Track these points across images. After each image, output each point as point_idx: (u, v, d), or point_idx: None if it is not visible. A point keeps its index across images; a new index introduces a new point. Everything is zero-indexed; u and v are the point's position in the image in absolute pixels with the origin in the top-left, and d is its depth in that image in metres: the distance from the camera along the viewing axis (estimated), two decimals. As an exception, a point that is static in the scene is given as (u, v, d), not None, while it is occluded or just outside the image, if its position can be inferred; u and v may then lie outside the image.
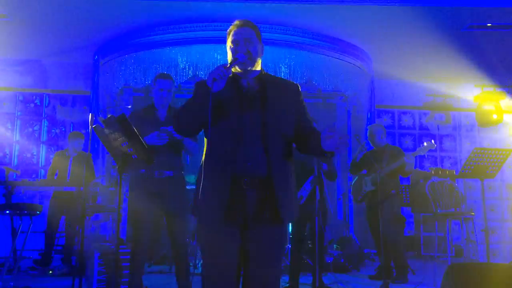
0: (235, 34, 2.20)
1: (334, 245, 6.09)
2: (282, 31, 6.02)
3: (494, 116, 7.26)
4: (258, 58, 2.20)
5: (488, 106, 7.27)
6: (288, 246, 5.37)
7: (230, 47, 2.18)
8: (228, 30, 2.25)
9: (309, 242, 5.00)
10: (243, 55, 2.12)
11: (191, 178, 5.72)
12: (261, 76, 2.21)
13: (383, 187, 4.66)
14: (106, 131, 2.91)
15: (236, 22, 2.24)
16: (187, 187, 3.72)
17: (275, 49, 5.93)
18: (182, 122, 2.14)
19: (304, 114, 2.25)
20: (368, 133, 5.17)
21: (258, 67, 2.21)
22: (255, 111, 2.11)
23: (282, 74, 6.00)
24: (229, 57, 2.19)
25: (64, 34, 6.15)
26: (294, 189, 2.18)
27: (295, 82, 2.34)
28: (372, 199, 4.84)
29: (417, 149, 4.72)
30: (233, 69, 2.14)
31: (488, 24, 5.67)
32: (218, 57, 5.82)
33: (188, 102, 2.14)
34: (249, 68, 2.16)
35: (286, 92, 2.21)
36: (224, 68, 2.01)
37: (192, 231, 5.74)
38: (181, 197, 3.62)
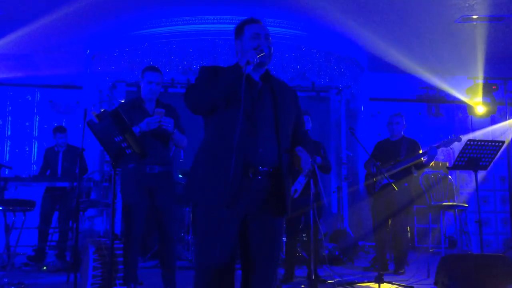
0: (255, 28, 2.21)
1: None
2: (275, 24, 6.00)
3: (487, 108, 7.29)
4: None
5: (481, 98, 7.29)
6: (283, 239, 5.39)
7: (250, 39, 2.18)
8: (240, 25, 2.26)
9: (304, 235, 5.02)
10: (267, 49, 2.14)
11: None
12: (267, 74, 2.25)
13: (398, 180, 4.68)
14: (100, 125, 2.90)
15: (251, 18, 2.26)
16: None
17: (269, 42, 5.90)
18: (199, 99, 2.08)
19: (302, 121, 2.32)
20: (388, 122, 5.15)
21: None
22: (267, 104, 2.14)
23: (276, 67, 5.99)
24: (242, 50, 2.20)
25: (55, 28, 6.07)
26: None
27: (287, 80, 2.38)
28: (385, 191, 4.81)
29: (442, 141, 4.66)
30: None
31: (481, 16, 5.68)
32: (211, 50, 5.80)
33: (205, 81, 2.09)
34: (264, 64, 2.17)
35: (289, 95, 2.26)
36: (257, 55, 2.05)
37: (187, 225, 5.74)
38: (171, 192, 3.67)
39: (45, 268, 5.02)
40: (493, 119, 7.70)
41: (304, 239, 5.04)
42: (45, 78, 7.12)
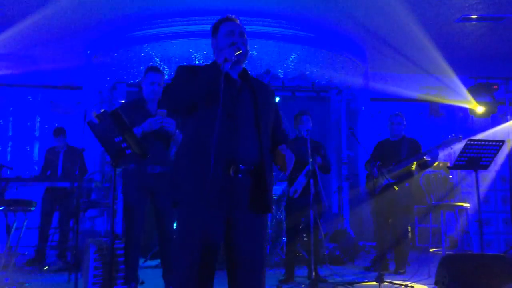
0: (230, 26, 2.21)
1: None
2: (274, 24, 6.00)
3: (488, 108, 7.28)
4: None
5: (482, 98, 7.28)
6: (283, 239, 5.39)
7: (225, 37, 2.19)
8: (216, 24, 2.27)
9: (304, 235, 5.02)
10: (243, 46, 2.14)
11: None
12: (245, 72, 2.23)
13: (399, 180, 4.67)
14: (100, 126, 2.90)
15: (226, 16, 2.26)
16: None
17: (269, 43, 5.91)
18: (174, 99, 2.06)
19: (281, 119, 2.31)
20: (388, 123, 5.15)
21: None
22: (247, 102, 2.13)
23: (276, 67, 5.99)
24: (217, 48, 2.21)
25: (56, 29, 6.09)
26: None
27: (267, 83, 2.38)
28: (386, 192, 4.80)
29: (442, 141, 4.62)
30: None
31: (481, 16, 5.68)
32: (211, 50, 5.79)
33: (183, 80, 2.07)
34: (241, 62, 2.16)
35: (268, 93, 2.25)
36: (234, 52, 2.05)
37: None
38: None
39: (46, 268, 5.04)
40: (493, 119, 7.69)
41: (305, 239, 5.04)
42: (46, 79, 7.14)
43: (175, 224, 3.46)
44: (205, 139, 1.98)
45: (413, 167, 4.87)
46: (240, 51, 2.07)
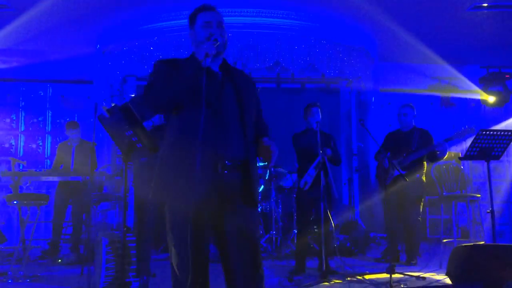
0: (207, 16, 2.17)
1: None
2: (283, 15, 5.96)
3: (500, 98, 7.19)
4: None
5: (494, 87, 7.19)
6: (294, 231, 5.41)
7: (202, 28, 2.14)
8: (192, 14, 2.22)
9: (315, 227, 5.03)
10: (221, 37, 2.09)
11: None
12: (225, 64, 2.20)
13: (410, 171, 4.65)
14: (110, 120, 2.92)
15: (203, 5, 2.21)
16: None
17: (277, 34, 5.88)
18: (158, 98, 2.01)
19: (261, 111, 2.29)
20: (398, 114, 5.11)
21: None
22: (230, 96, 2.10)
23: (285, 59, 5.96)
24: (195, 40, 2.16)
25: (66, 23, 6.10)
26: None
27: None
28: (397, 183, 4.78)
29: (454, 133, 4.59)
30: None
31: (493, 4, 5.59)
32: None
33: (164, 77, 2.01)
34: (221, 53, 2.12)
35: (248, 84, 2.22)
36: (214, 46, 2.01)
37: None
38: None
39: (59, 261, 5.10)
40: (506, 109, 7.59)
41: (315, 230, 5.04)
42: (57, 73, 7.19)
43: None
44: (190, 138, 1.96)
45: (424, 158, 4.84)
46: (218, 43, 2.04)
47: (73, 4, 5.56)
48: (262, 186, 6.06)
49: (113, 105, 2.91)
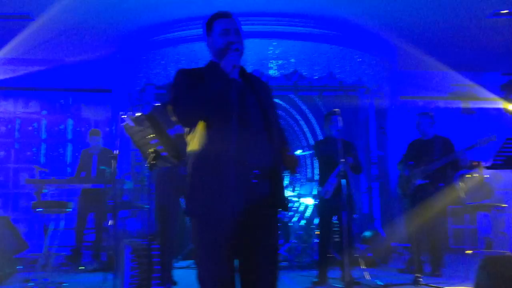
0: (224, 23, 2.14)
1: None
2: (302, 23, 5.96)
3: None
4: None
5: (515, 95, 7.09)
6: (316, 241, 5.36)
7: (220, 36, 2.11)
8: (209, 21, 2.19)
9: (336, 236, 4.97)
10: (241, 46, 2.08)
11: None
12: (244, 71, 2.19)
13: (432, 180, 4.59)
14: (136, 128, 2.94)
15: (219, 12, 2.19)
16: None
17: (296, 43, 5.89)
18: (188, 112, 1.99)
19: (279, 117, 2.27)
20: (416, 122, 5.06)
21: None
22: (253, 104, 2.08)
23: (303, 66, 5.96)
24: (213, 48, 2.14)
25: (86, 32, 6.21)
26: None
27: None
28: (420, 192, 4.74)
29: (477, 141, 4.51)
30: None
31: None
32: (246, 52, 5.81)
33: (190, 89, 1.99)
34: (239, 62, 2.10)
35: (266, 90, 2.20)
36: (238, 55, 2.01)
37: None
38: None
39: (82, 268, 5.14)
40: (528, 116, 7.47)
41: (336, 240, 4.99)
42: (77, 82, 7.29)
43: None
44: (222, 149, 1.94)
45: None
46: (239, 51, 2.04)
47: (93, 13, 5.65)
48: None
49: (139, 114, 2.93)
